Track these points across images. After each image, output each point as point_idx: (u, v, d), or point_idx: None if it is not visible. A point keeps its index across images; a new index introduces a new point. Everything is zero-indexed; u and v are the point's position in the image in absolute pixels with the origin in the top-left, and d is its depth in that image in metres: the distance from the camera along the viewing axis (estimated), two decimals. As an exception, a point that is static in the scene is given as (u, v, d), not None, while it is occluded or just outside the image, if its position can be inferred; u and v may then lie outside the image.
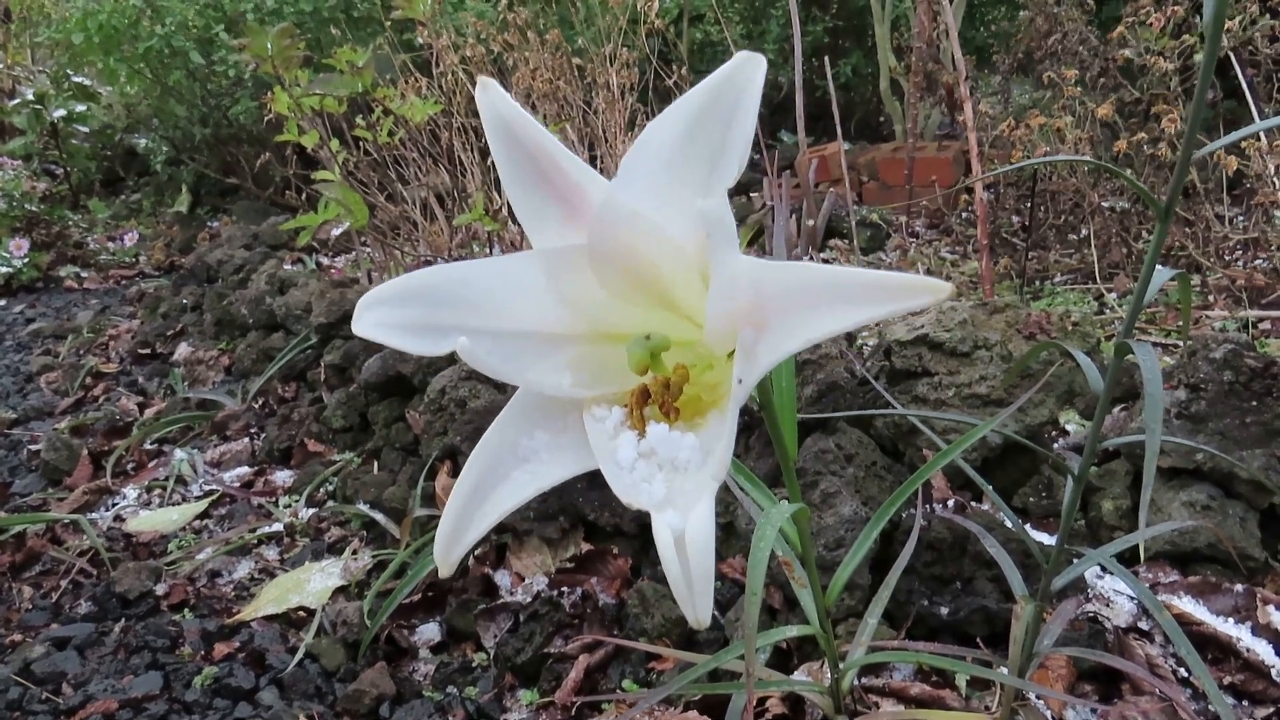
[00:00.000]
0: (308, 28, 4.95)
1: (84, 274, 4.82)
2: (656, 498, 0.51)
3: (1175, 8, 2.96)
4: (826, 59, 3.15)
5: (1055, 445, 1.62)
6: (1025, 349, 1.52)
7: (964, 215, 3.47)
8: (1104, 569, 1.41)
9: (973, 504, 1.50)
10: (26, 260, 4.54)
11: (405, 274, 0.58)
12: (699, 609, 0.48)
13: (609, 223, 0.55)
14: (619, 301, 0.60)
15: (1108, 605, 1.34)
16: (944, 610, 1.33)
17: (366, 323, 0.56)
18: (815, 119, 4.41)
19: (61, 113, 5.74)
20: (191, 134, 5.54)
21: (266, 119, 3.39)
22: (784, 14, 5.67)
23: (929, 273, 2.85)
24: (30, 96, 5.73)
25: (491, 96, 0.57)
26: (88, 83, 5.99)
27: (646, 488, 0.52)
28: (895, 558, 1.39)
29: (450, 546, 0.57)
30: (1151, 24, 2.51)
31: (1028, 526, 1.48)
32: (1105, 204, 2.87)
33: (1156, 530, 1.17)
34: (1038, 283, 2.84)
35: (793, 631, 1.12)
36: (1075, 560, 1.17)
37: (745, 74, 0.52)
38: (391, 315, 0.56)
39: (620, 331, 0.60)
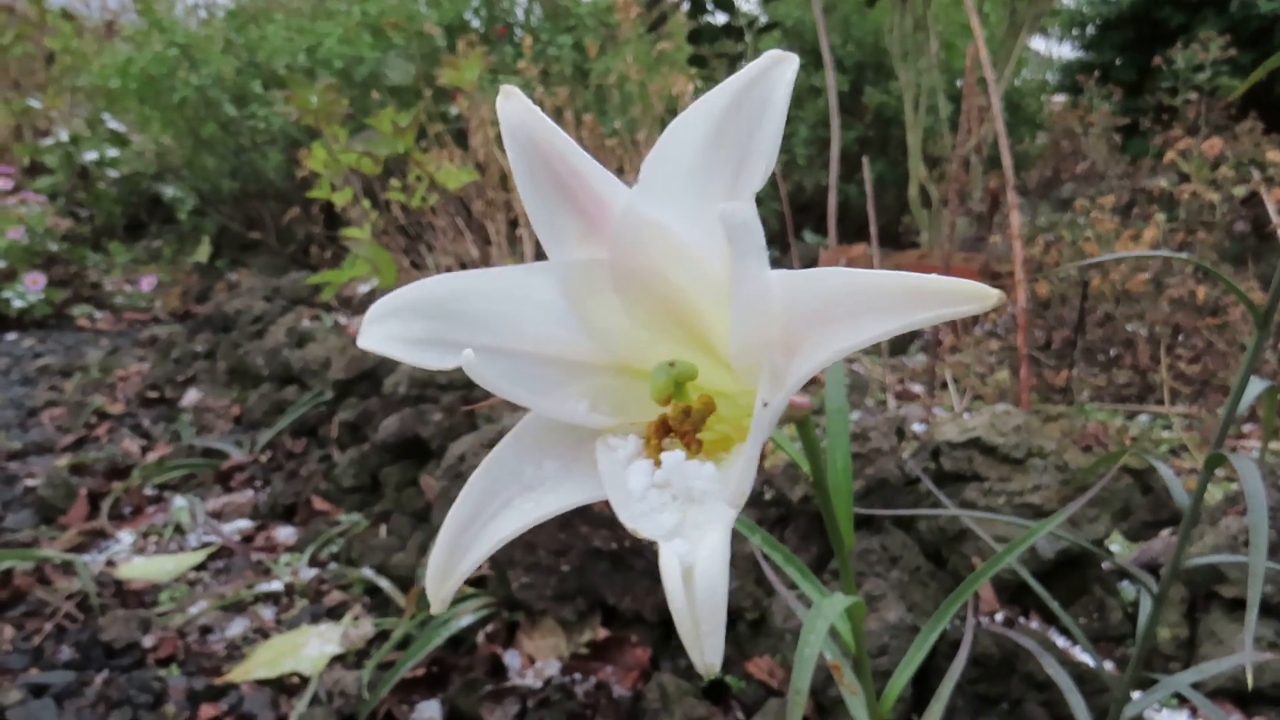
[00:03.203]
0: (343, 91, 5.02)
1: (98, 314, 4.78)
2: (666, 527, 0.46)
3: (1214, 140, 2.99)
4: (865, 159, 3.15)
5: (1104, 565, 1.55)
6: (1081, 460, 1.46)
7: (986, 328, 3.45)
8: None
9: (1020, 619, 1.42)
10: (42, 296, 4.50)
11: (414, 283, 0.53)
12: (707, 651, 0.42)
13: (630, 237, 0.51)
14: (642, 331, 0.55)
15: (1166, 741, 1.25)
16: (990, 732, 1.24)
17: (374, 336, 0.52)
18: (838, 222, 4.42)
19: (93, 156, 5.79)
20: (219, 186, 5.57)
21: (300, 176, 3.40)
22: (812, 117, 5.75)
23: (955, 381, 2.81)
24: (64, 138, 5.78)
25: (514, 104, 0.53)
26: (121, 129, 6.05)
27: (656, 517, 0.47)
28: (936, 669, 1.31)
29: (444, 578, 0.52)
30: (1203, 152, 2.50)
31: (1077, 649, 1.40)
32: (1129, 327, 2.84)
33: (1233, 662, 1.09)
34: (1060, 397, 2.79)
35: (841, 745, 1.04)
36: (1142, 690, 1.09)
37: (777, 72, 0.48)
38: (399, 329, 0.52)
39: (643, 365, 0.55)
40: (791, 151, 5.66)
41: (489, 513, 0.52)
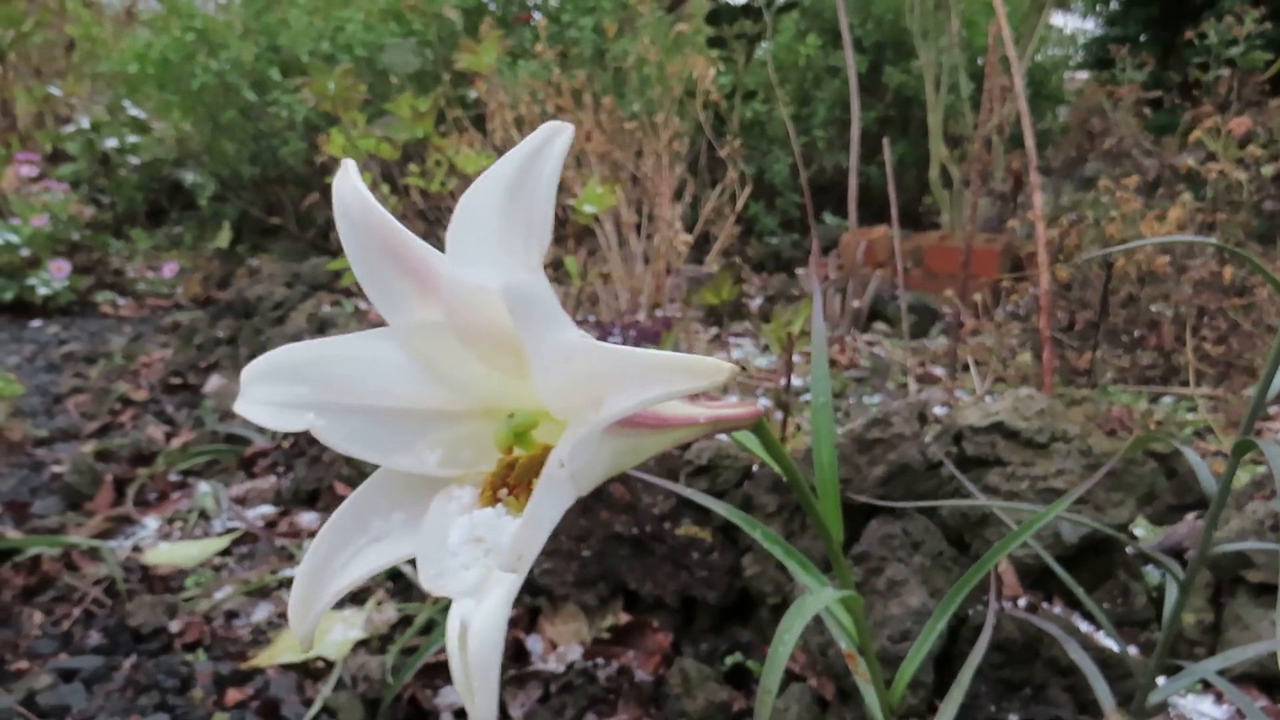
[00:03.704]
0: (363, 76, 5.01)
1: (120, 301, 4.82)
2: (467, 584, 0.47)
3: (1243, 118, 2.94)
4: (886, 141, 3.13)
5: (1127, 550, 1.54)
6: (1105, 444, 1.45)
7: (1008, 309, 3.42)
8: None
9: (1044, 604, 1.42)
10: (66, 284, 4.54)
11: (276, 350, 0.55)
12: (479, 707, 0.43)
13: (459, 299, 0.52)
14: (500, 374, 0.55)
15: (1191, 727, 1.24)
16: (1014, 718, 1.23)
17: (249, 400, 0.54)
18: (858, 204, 4.40)
19: (114, 142, 5.82)
20: (239, 172, 5.59)
21: (320, 161, 3.41)
22: (831, 98, 5.71)
23: (977, 364, 2.79)
24: (85, 125, 5.82)
25: (344, 184, 0.55)
26: (141, 115, 6.08)
27: (462, 574, 0.47)
28: (960, 655, 1.31)
29: (301, 620, 0.54)
30: (1231, 131, 2.47)
31: (1100, 634, 1.39)
32: (1154, 308, 2.81)
33: (1260, 648, 1.08)
34: (1083, 379, 2.77)
35: (856, 730, 1.04)
36: (1168, 675, 1.08)
37: (548, 150, 0.49)
38: (267, 393, 0.54)
39: (497, 403, 0.56)
40: (810, 134, 5.62)
41: (340, 561, 0.54)
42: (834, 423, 0.87)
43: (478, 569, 0.48)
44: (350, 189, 0.55)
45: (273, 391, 0.53)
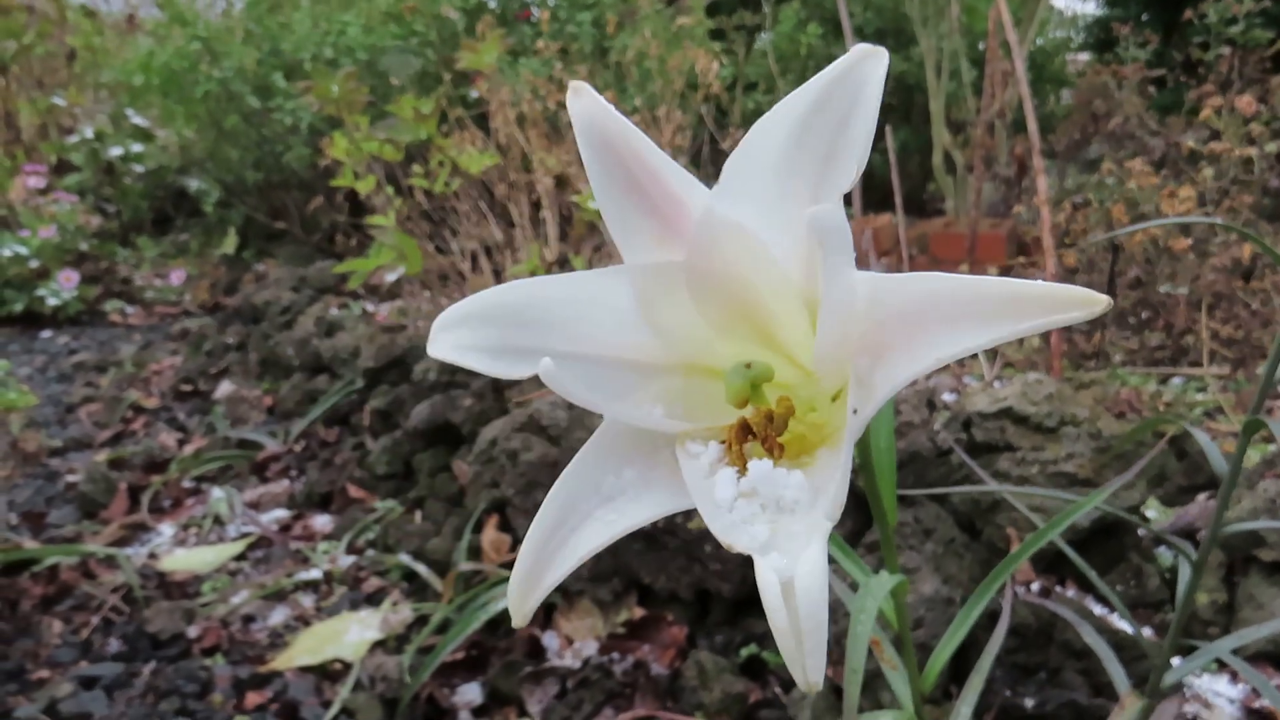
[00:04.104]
0: (365, 79, 5.02)
1: (129, 309, 4.84)
2: (759, 540, 0.45)
3: (1247, 98, 2.93)
4: (888, 128, 3.12)
5: (1139, 532, 1.54)
6: (1115, 427, 1.45)
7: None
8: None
9: (1057, 588, 1.42)
10: (75, 293, 4.56)
11: (483, 291, 0.53)
12: (810, 669, 0.41)
13: (708, 238, 0.50)
14: (716, 333, 0.54)
15: (1207, 707, 1.24)
16: (1029, 702, 1.24)
17: (444, 345, 0.51)
18: (862, 191, 4.39)
19: (118, 151, 5.83)
20: (244, 177, 5.60)
21: (323, 165, 3.41)
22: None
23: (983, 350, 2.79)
24: (89, 135, 5.83)
25: (585, 101, 0.52)
26: (145, 123, 6.09)
27: (748, 529, 0.46)
28: (974, 641, 1.31)
29: (527, 593, 0.51)
30: (1238, 108, 2.45)
31: (1114, 616, 1.39)
32: (1163, 289, 2.80)
33: (1274, 626, 1.08)
34: (1092, 362, 2.76)
35: (886, 717, 1.04)
36: (1182, 656, 1.09)
37: (866, 67, 0.47)
38: (470, 337, 0.51)
39: (713, 366, 0.55)
40: (813, 122, 5.61)
41: (570, 525, 0.51)
42: (892, 409, 0.87)
43: (761, 524, 0.46)
44: (593, 106, 0.52)
45: (478, 335, 0.51)
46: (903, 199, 3.11)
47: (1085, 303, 0.39)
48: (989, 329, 0.40)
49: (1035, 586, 1.41)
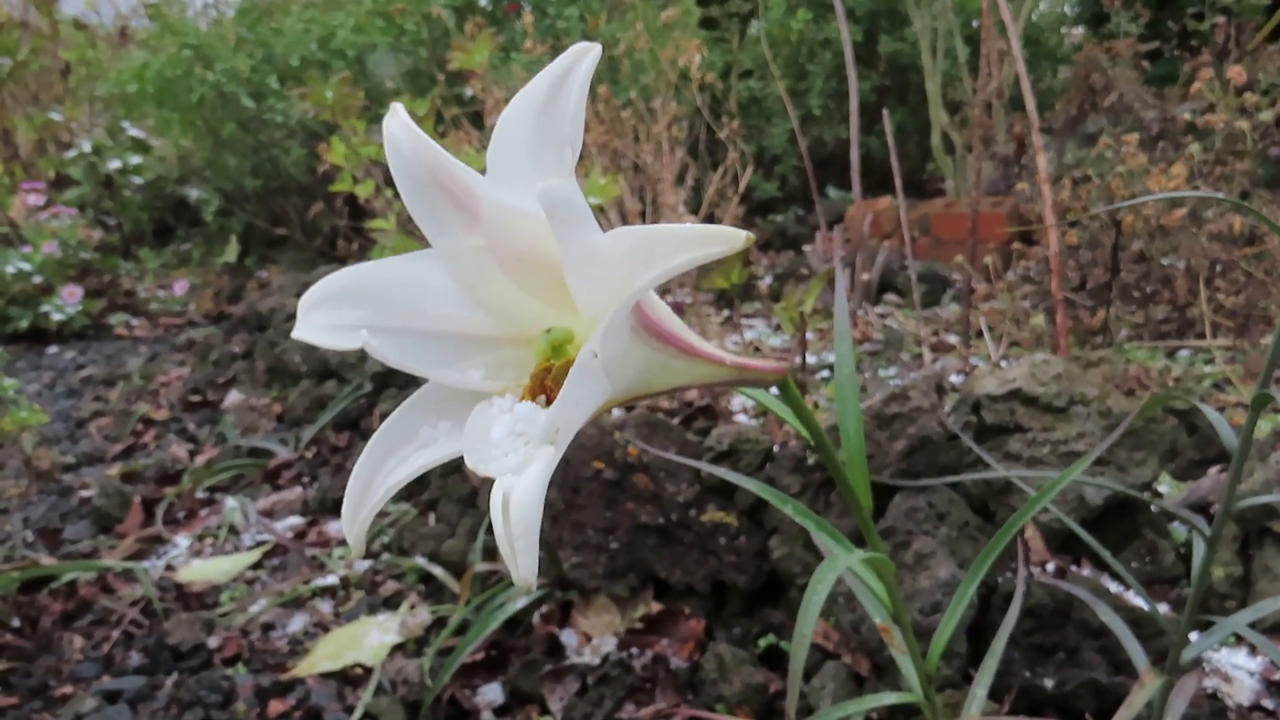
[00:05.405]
0: (359, 81, 5.01)
1: (134, 322, 4.85)
2: (508, 467, 0.51)
3: (1237, 68, 2.92)
4: (885, 111, 3.11)
5: (1151, 508, 1.54)
6: (1124, 404, 1.45)
7: (1019, 272, 3.40)
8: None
9: (1072, 568, 1.42)
10: (79, 308, 4.57)
11: (333, 274, 0.59)
12: (521, 566, 0.47)
13: (496, 223, 0.57)
14: (535, 300, 0.60)
15: (1227, 681, 1.25)
16: (1049, 683, 1.24)
17: (309, 325, 0.58)
18: (861, 174, 4.39)
19: (116, 164, 5.83)
20: (242, 185, 5.60)
21: (322, 170, 3.42)
22: (826, 70, 5.68)
23: (990, 329, 2.79)
24: (87, 148, 5.84)
25: (394, 121, 0.59)
26: (142, 135, 6.10)
27: (502, 459, 0.52)
28: (991, 624, 1.31)
29: (352, 523, 0.59)
30: (1231, 79, 2.45)
31: (1130, 594, 1.40)
32: (1165, 261, 2.79)
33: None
34: (1099, 339, 2.76)
35: (890, 699, 1.04)
36: (1200, 631, 1.09)
37: (579, 66, 0.53)
38: (327, 317, 0.58)
39: (536, 331, 0.60)
40: (807, 106, 5.59)
41: (388, 468, 0.59)
42: (859, 394, 0.89)
43: (516, 455, 0.52)
44: (400, 125, 0.59)
45: (329, 315, 0.58)
46: (902, 180, 3.10)
47: (729, 238, 0.47)
48: (668, 260, 0.47)
49: (1050, 567, 1.42)
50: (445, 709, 1.54)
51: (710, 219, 4.27)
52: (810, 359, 2.48)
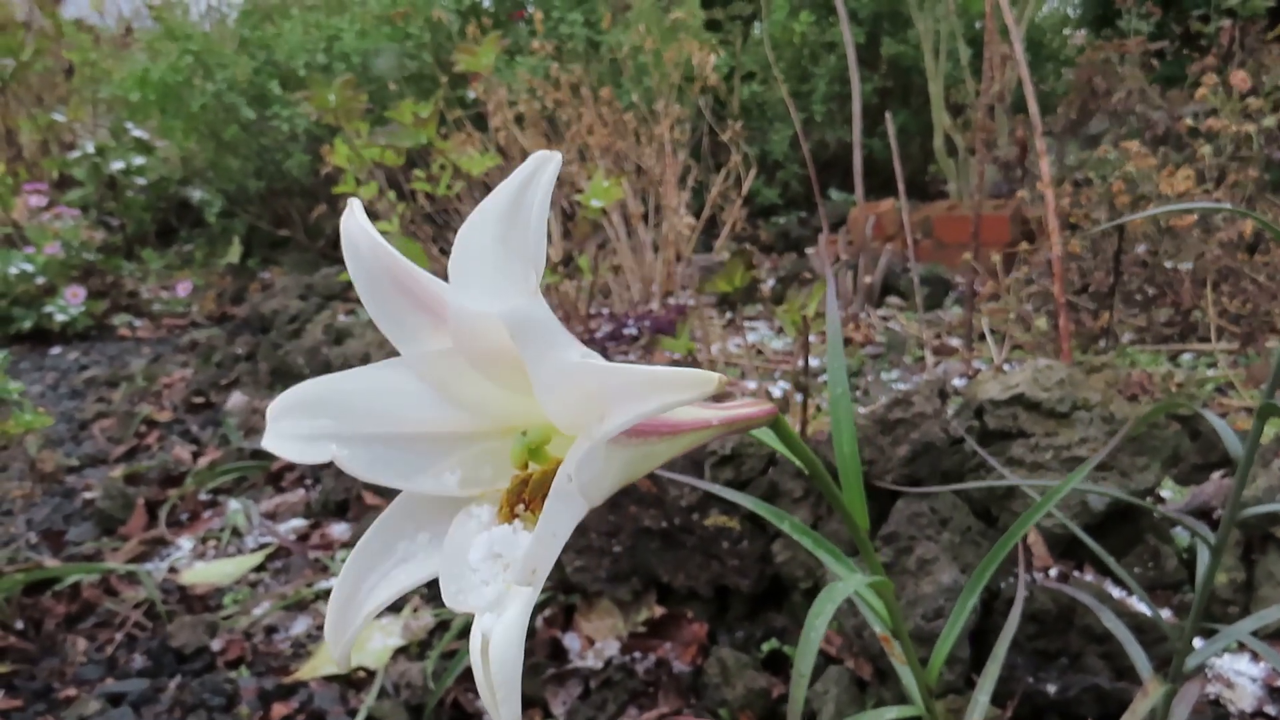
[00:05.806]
0: (361, 84, 5.02)
1: (137, 322, 4.85)
2: (487, 600, 0.49)
3: (1241, 73, 2.91)
4: (888, 113, 3.12)
5: (1154, 514, 1.54)
6: (1127, 410, 1.45)
7: (1019, 275, 3.40)
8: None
9: (1075, 573, 1.42)
10: (83, 309, 4.58)
11: (300, 384, 0.57)
12: (504, 715, 0.46)
13: (464, 329, 0.54)
14: (515, 394, 0.57)
15: (1230, 687, 1.25)
16: (1051, 688, 1.24)
17: (275, 434, 0.55)
18: (863, 176, 4.39)
19: (120, 165, 5.84)
20: (245, 186, 5.61)
21: (325, 172, 3.42)
22: (829, 73, 5.68)
23: (993, 332, 2.79)
24: (90, 149, 5.84)
25: (351, 222, 0.57)
26: (145, 136, 6.11)
27: (482, 590, 0.50)
28: (994, 629, 1.31)
29: (337, 642, 0.57)
30: (1234, 84, 2.45)
31: (1134, 600, 1.40)
32: (1169, 263, 2.79)
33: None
34: (1101, 342, 2.75)
35: (891, 713, 1.04)
36: (1204, 637, 1.09)
37: (538, 178, 0.51)
38: (293, 427, 0.55)
39: (513, 422, 0.58)
40: (810, 109, 5.60)
41: (368, 586, 0.56)
42: (853, 412, 0.88)
43: (496, 584, 0.50)
44: (358, 228, 0.57)
45: (297, 425, 0.55)
46: (905, 183, 3.10)
47: (701, 382, 0.46)
48: (640, 404, 0.46)
49: (1053, 572, 1.42)
50: (448, 712, 1.54)
51: (714, 221, 4.28)
52: (814, 362, 2.48)
